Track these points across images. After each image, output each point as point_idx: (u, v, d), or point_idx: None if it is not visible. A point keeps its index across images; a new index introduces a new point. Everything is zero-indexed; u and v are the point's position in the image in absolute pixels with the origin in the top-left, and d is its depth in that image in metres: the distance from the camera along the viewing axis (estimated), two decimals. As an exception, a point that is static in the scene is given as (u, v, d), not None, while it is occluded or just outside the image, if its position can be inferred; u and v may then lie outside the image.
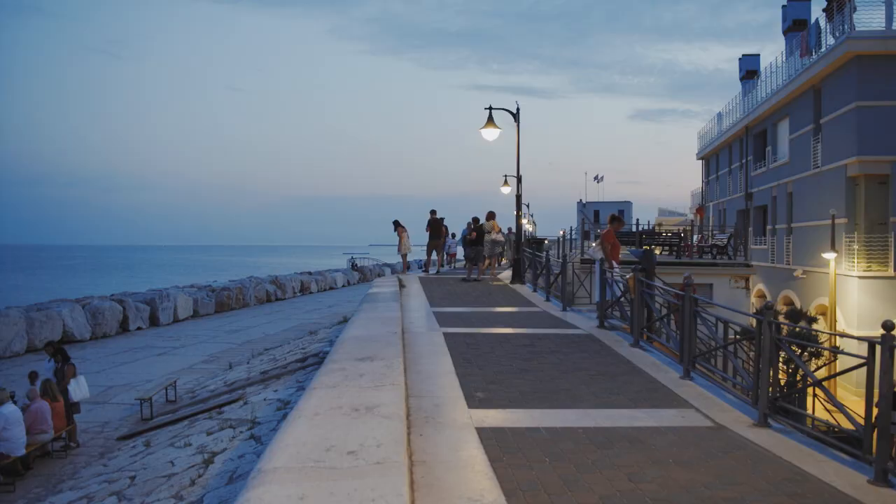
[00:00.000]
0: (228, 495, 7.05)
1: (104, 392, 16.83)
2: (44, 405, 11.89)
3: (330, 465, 3.77)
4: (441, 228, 23.84)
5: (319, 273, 54.64)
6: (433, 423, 5.84)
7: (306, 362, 14.93)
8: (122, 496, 8.65)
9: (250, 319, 32.18)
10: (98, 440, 13.22)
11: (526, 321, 12.83)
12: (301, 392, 11.28)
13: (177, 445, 10.56)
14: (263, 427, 9.81)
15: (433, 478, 4.49)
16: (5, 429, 10.87)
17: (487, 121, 20.00)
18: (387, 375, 6.22)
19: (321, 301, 41.04)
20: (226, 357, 21.46)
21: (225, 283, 40.53)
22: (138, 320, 29.10)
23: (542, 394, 7.30)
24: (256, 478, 3.64)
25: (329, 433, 4.38)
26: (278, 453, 3.99)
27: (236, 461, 8.45)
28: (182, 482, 8.32)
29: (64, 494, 9.92)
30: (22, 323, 23.37)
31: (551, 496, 4.54)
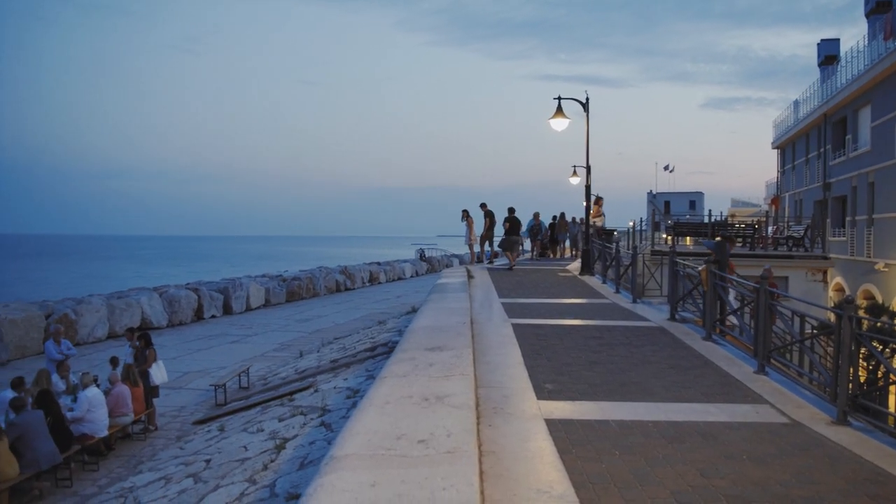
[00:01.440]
0: (300, 480, 7.18)
1: (180, 378, 17.31)
2: (125, 389, 12.30)
3: (401, 453, 3.82)
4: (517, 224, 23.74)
5: (388, 263, 55.05)
6: (502, 413, 5.84)
7: (375, 351, 15.08)
8: (199, 478, 8.88)
9: (320, 309, 32.64)
10: (175, 424, 13.62)
11: (595, 313, 12.72)
12: (371, 381, 11.42)
13: (250, 431, 10.80)
14: (333, 415, 9.95)
15: (502, 468, 4.50)
16: (89, 411, 11.29)
17: (556, 111, 19.85)
18: (456, 366, 6.25)
19: (389, 291, 41.37)
20: (296, 345, 21.83)
21: (295, 273, 41.17)
22: (212, 308, 29.79)
23: (612, 386, 7.23)
24: (329, 464, 3.70)
25: (400, 421, 4.42)
26: (350, 440, 4.05)
27: (307, 447, 8.59)
28: (255, 466, 8.50)
29: (144, 475, 10.25)
30: (104, 310, 24.21)
31: (621, 490, 4.50)
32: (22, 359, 20.23)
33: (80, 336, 22.61)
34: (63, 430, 10.74)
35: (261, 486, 7.57)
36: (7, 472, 9.51)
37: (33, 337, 20.98)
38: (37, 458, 9.92)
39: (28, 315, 21.26)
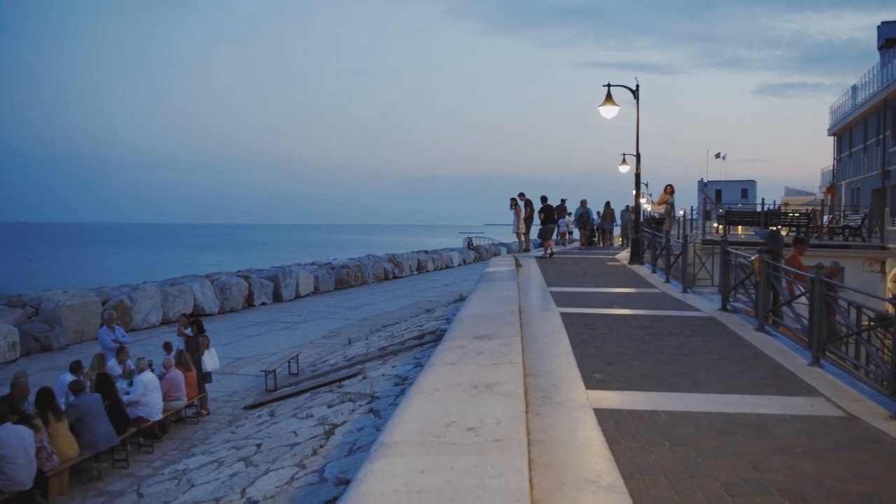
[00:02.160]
0: (349, 466, 7.26)
1: (232, 363, 17.61)
2: (178, 374, 12.57)
3: (450, 441, 3.84)
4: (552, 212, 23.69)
5: (436, 252, 55.20)
6: (550, 402, 5.83)
7: (423, 339, 15.15)
8: (250, 462, 9.03)
9: (368, 297, 32.88)
10: (226, 409, 13.87)
11: (645, 302, 12.61)
12: (419, 369, 11.48)
13: (299, 416, 10.94)
14: (382, 402, 10.03)
15: (550, 457, 4.50)
16: (144, 394, 11.57)
17: (606, 98, 19.66)
18: (505, 354, 6.25)
19: (437, 279, 41.49)
20: (345, 333, 22.05)
21: (344, 261, 41.52)
22: (263, 296, 30.21)
23: (662, 377, 7.17)
24: (379, 450, 3.74)
25: (449, 409, 4.44)
26: (400, 427, 4.09)
27: (356, 434, 8.67)
28: (305, 452, 8.61)
29: (196, 458, 10.47)
30: (157, 297, 24.74)
31: (671, 481, 4.46)
32: (79, 343, 20.79)
33: (134, 322, 23.15)
34: (120, 413, 11.03)
35: (310, 471, 7.67)
36: (67, 452, 9.80)
37: (91, 322, 21.53)
38: (95, 440, 10.20)
39: (85, 301, 21.83)
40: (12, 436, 8.71)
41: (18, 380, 10.56)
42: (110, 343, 14.28)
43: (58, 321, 20.63)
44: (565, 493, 3.93)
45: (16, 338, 18.88)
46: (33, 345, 19.56)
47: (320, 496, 6.66)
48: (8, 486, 8.58)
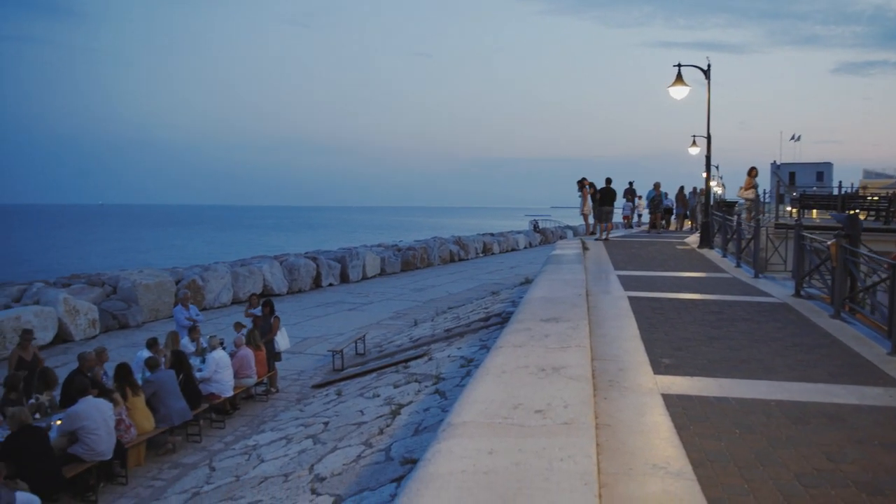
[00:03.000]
0: (415, 446, 7.33)
1: (300, 343, 17.92)
2: (248, 352, 12.85)
3: (518, 423, 3.84)
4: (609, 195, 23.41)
5: (501, 234, 55.06)
6: (617, 387, 5.78)
7: (489, 322, 15.16)
8: (317, 439, 9.20)
9: (434, 278, 33.01)
10: (295, 387, 14.14)
11: (714, 287, 12.37)
12: (484, 351, 11.50)
13: (366, 396, 11.08)
14: (447, 383, 10.09)
15: (618, 442, 4.46)
16: (216, 371, 11.87)
17: (676, 79, 19.27)
18: (572, 337, 6.22)
19: (503, 262, 41.40)
20: (411, 314, 22.21)
21: (410, 243, 41.75)
22: (330, 277, 30.60)
23: (732, 363, 7.04)
24: (446, 430, 3.77)
25: (516, 391, 4.45)
26: (467, 408, 4.11)
27: (422, 414, 8.74)
28: (371, 431, 8.72)
29: (266, 434, 10.71)
30: (228, 277, 25.30)
31: (741, 469, 4.39)
32: (154, 321, 21.42)
33: (206, 301, 23.73)
34: (193, 389, 11.35)
35: (377, 450, 7.77)
36: (144, 425, 10.14)
37: (164, 301, 22.16)
38: (170, 414, 10.53)
39: (160, 281, 22.47)
40: (93, 408, 9.07)
41: (85, 354, 10.97)
42: (184, 321, 14.68)
43: (134, 300, 21.31)
44: (632, 477, 3.91)
45: (95, 315, 19.58)
46: (111, 322, 20.24)
47: (387, 474, 6.75)
48: (90, 456, 8.95)
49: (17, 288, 21.25)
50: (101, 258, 66.23)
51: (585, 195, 22.81)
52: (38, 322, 17.37)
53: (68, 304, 18.73)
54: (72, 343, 18.20)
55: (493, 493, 2.96)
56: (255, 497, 7.48)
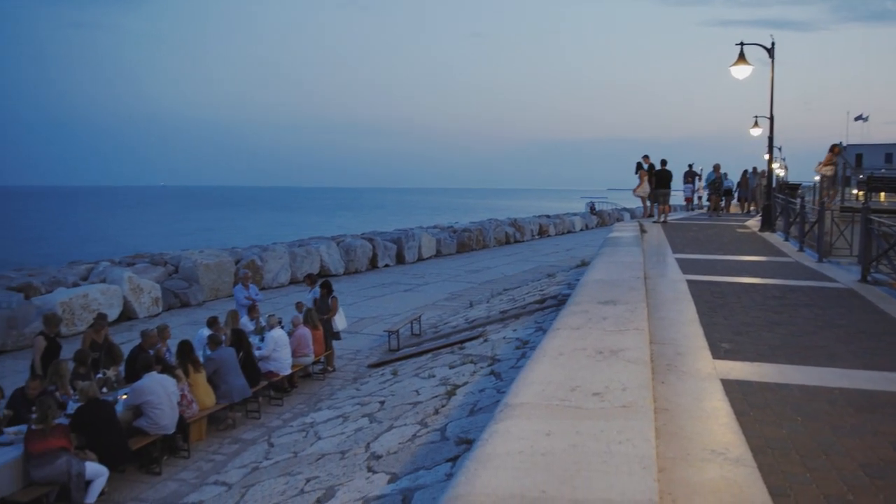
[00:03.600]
0: (470, 426, 7.37)
1: (356, 323, 18.11)
2: (306, 331, 13.04)
3: (575, 405, 3.83)
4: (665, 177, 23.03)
5: (557, 216, 54.71)
6: (675, 371, 5.71)
7: (545, 304, 15.12)
8: (373, 418, 9.31)
9: (489, 260, 33.00)
10: (351, 366, 14.31)
11: (776, 271, 12.12)
12: (540, 333, 11.48)
13: (421, 376, 11.16)
14: (503, 364, 10.10)
15: (675, 426, 4.41)
16: (275, 350, 12.09)
17: (738, 58, 18.83)
18: (630, 320, 6.16)
19: (559, 244, 41.16)
20: (466, 295, 22.25)
21: (466, 225, 41.77)
22: (386, 258, 30.83)
23: (794, 349, 6.89)
24: (503, 411, 3.78)
25: (574, 373, 4.43)
26: (524, 389, 4.11)
27: (477, 395, 8.77)
28: (426, 410, 8.79)
29: (323, 412, 10.88)
30: (286, 257, 25.68)
31: (803, 458, 4.30)
32: (214, 300, 21.87)
33: (265, 281, 24.13)
34: (252, 366, 11.58)
35: (432, 430, 7.83)
36: (205, 401, 10.40)
37: (225, 280, 22.61)
38: (230, 391, 10.76)
39: (220, 260, 22.91)
40: (156, 383, 9.33)
41: (148, 331, 11.26)
42: (244, 300, 14.95)
43: (195, 279, 21.79)
44: (690, 463, 3.86)
45: (158, 294, 20.08)
46: (173, 300, 20.74)
47: (442, 454, 6.80)
48: (153, 430, 9.22)
49: (84, 267, 21.93)
50: (164, 238, 67.79)
51: (643, 177, 22.50)
52: (104, 300, 17.89)
53: (133, 283, 19.24)
54: (136, 320, 18.70)
55: (551, 475, 2.97)
56: (312, 473, 7.61)
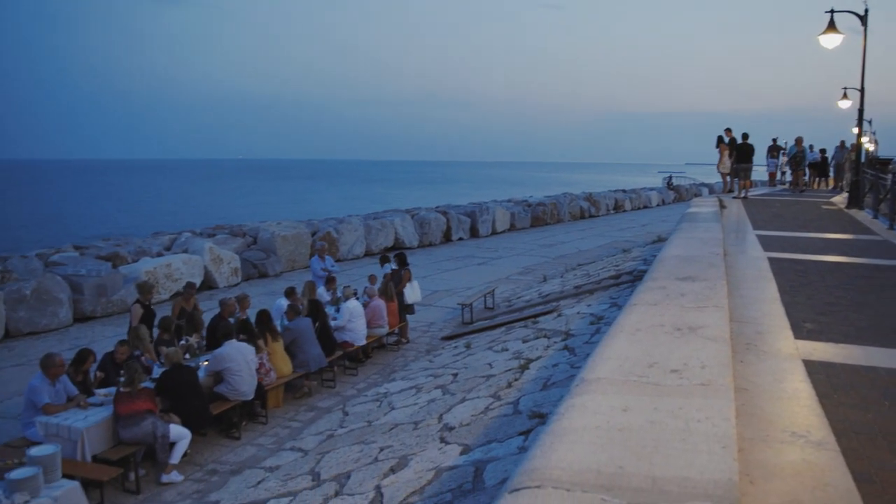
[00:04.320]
0: (543, 400, 7.36)
1: (430, 296, 18.23)
2: (381, 303, 13.19)
3: (653, 381, 3.78)
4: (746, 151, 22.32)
5: (633, 191, 53.84)
6: (755, 350, 5.59)
7: (620, 279, 14.95)
8: (446, 390, 9.39)
9: (563, 235, 32.76)
10: (424, 338, 14.44)
11: (864, 250, 11.70)
12: (615, 308, 11.36)
13: (494, 349, 11.19)
14: (577, 339, 10.05)
15: (754, 407, 4.33)
16: (350, 320, 12.27)
17: (828, 26, 18.06)
18: (709, 297, 6.04)
19: (634, 220, 40.56)
20: (540, 270, 22.16)
21: (540, 199, 41.50)
22: (460, 231, 30.88)
23: (882, 331, 6.65)
24: (580, 386, 3.76)
25: (651, 350, 4.37)
26: (601, 365, 4.08)
27: (550, 369, 8.75)
28: (499, 383, 8.82)
29: (396, 383, 11.02)
30: (361, 229, 25.98)
31: (891, 443, 4.14)
32: (291, 271, 22.30)
33: (340, 253, 24.47)
34: (328, 336, 11.78)
35: (505, 403, 7.85)
36: (282, 369, 10.65)
37: (301, 252, 23.02)
38: (306, 360, 10.99)
39: (297, 232, 23.32)
40: (236, 351, 9.60)
41: (226, 300, 11.55)
42: (320, 272, 15.19)
43: (273, 250, 22.24)
44: (769, 444, 3.78)
45: (237, 264, 20.58)
46: (252, 271, 21.22)
47: (514, 427, 6.82)
48: (233, 395, 9.50)
49: (167, 237, 22.64)
50: (243, 210, 69.38)
51: (723, 151, 21.91)
52: (187, 269, 18.43)
53: (213, 253, 19.76)
54: (216, 290, 19.22)
55: (628, 450, 2.94)
56: (386, 442, 7.73)
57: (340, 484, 6.72)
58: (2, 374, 12.37)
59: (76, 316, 15.85)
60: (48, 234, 45.50)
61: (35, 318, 14.88)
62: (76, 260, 18.04)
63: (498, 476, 5.55)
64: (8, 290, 14.66)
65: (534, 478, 2.72)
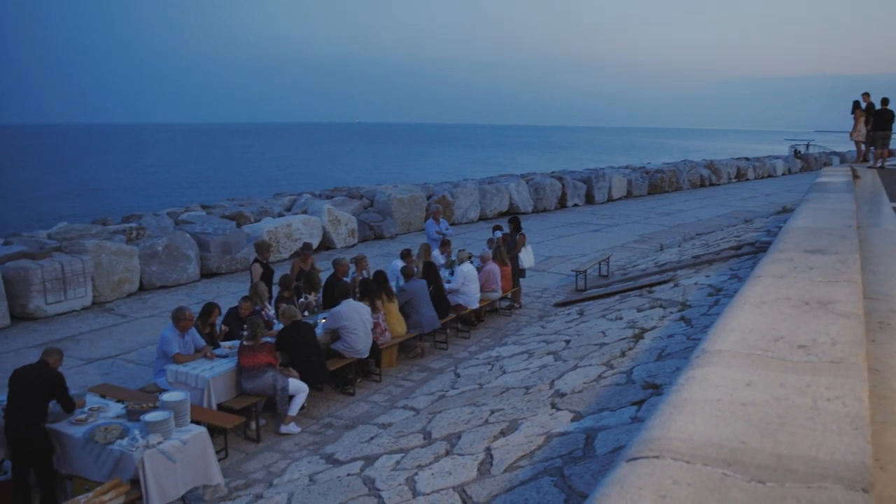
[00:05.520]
0: (657, 371, 7.22)
1: (543, 261, 18.14)
2: (494, 267, 13.21)
3: (778, 356, 3.63)
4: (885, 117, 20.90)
5: (757, 159, 51.72)
6: (889, 329, 5.27)
7: (741, 251, 14.44)
8: (558, 356, 9.33)
9: (682, 203, 31.89)
10: (537, 304, 14.40)
11: None
12: (734, 280, 11.00)
13: (608, 318, 11.04)
14: (694, 311, 9.78)
15: (887, 389, 4.08)
16: (464, 284, 12.35)
17: None
18: (840, 271, 5.74)
19: (757, 189, 39.02)
20: (656, 238, 21.69)
21: (659, 166, 40.48)
22: (575, 197, 30.53)
23: None
24: (700, 357, 3.65)
25: (777, 323, 4.19)
26: (723, 337, 3.95)
27: (665, 340, 8.57)
28: (612, 352, 8.70)
29: (508, 347, 11.04)
30: (476, 194, 26.04)
31: None
32: (406, 234, 22.63)
33: (455, 217, 24.63)
34: (442, 299, 11.91)
35: (617, 372, 7.74)
36: (397, 329, 10.86)
37: (416, 215, 23.31)
38: (420, 322, 11.16)
39: (412, 195, 23.60)
40: (353, 310, 9.85)
41: (340, 259, 11.81)
42: (435, 234, 15.34)
43: (389, 212, 22.61)
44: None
45: (354, 226, 21.04)
46: (368, 233, 21.66)
47: (627, 397, 6.72)
48: (349, 353, 9.77)
49: (288, 198, 23.35)
50: (360, 173, 70.76)
51: (858, 117, 20.70)
52: (306, 230, 18.97)
53: (331, 215, 20.26)
54: (333, 250, 19.73)
55: (751, 426, 2.84)
56: (496, 405, 7.77)
57: (451, 444, 6.81)
58: (136, 324, 13.15)
59: (202, 272, 16.63)
60: (179, 196, 47.78)
61: (166, 272, 15.70)
62: (203, 219, 18.87)
63: (609, 445, 5.49)
64: (142, 246, 15.51)
65: (652, 448, 2.67)
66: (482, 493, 5.33)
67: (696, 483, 2.42)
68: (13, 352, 11.55)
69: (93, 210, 38.35)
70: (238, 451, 8.32)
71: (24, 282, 13.00)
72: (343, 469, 7.12)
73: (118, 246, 14.89)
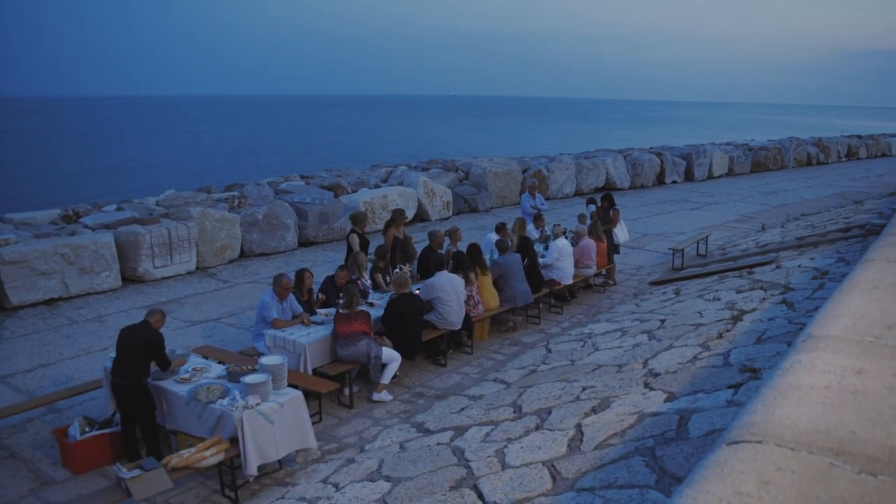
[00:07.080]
0: (756, 354, 7.01)
1: (639, 239, 17.83)
2: (590, 243, 13.05)
3: (892, 345, 3.47)
4: None
5: (870, 137, 49.22)
6: None
7: (849, 233, 13.82)
8: (653, 336, 9.17)
9: (787, 182, 30.73)
10: (632, 282, 14.17)
11: None
12: (841, 263, 10.55)
13: (705, 298, 10.77)
14: (796, 294, 9.44)
15: None
16: (558, 259, 12.24)
17: None
18: (962, 257, 5.45)
19: (869, 168, 37.20)
20: (758, 218, 20.99)
21: (763, 143, 39.06)
22: (674, 174, 29.80)
23: None
24: (807, 342, 3.52)
25: (890, 310, 4.00)
26: (831, 322, 3.80)
27: (765, 323, 8.31)
28: (709, 333, 8.49)
29: (601, 324, 10.92)
30: (572, 168, 25.73)
31: None
32: (500, 207, 22.58)
33: (550, 191, 24.42)
34: (535, 274, 11.85)
35: (714, 354, 7.56)
36: (490, 303, 10.88)
37: (511, 189, 23.23)
38: (513, 295, 11.14)
39: (508, 169, 23.50)
40: (447, 282, 9.91)
41: (435, 231, 11.87)
42: (529, 209, 15.26)
43: (484, 185, 22.58)
44: None
45: (449, 198, 21.12)
46: (462, 205, 21.71)
47: (723, 379, 6.56)
48: (441, 324, 9.86)
49: (384, 170, 23.62)
50: (456, 145, 70.89)
51: None
52: (401, 201, 19.16)
53: (427, 187, 20.39)
54: (428, 222, 19.88)
55: (861, 415, 2.72)
56: (588, 382, 7.71)
57: (541, 419, 6.79)
58: (236, 290, 13.59)
59: (300, 240, 17.04)
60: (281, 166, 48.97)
61: (266, 240, 16.15)
62: (302, 188, 19.27)
63: (703, 428, 5.37)
64: (244, 214, 15.99)
65: (754, 432, 2.59)
66: (571, 469, 5.31)
67: (800, 471, 2.34)
68: (124, 312, 12.13)
69: (197, 179, 39.72)
70: (332, 416, 8.53)
71: (134, 246, 13.62)
72: (433, 438, 7.21)
73: (221, 213, 15.39)
